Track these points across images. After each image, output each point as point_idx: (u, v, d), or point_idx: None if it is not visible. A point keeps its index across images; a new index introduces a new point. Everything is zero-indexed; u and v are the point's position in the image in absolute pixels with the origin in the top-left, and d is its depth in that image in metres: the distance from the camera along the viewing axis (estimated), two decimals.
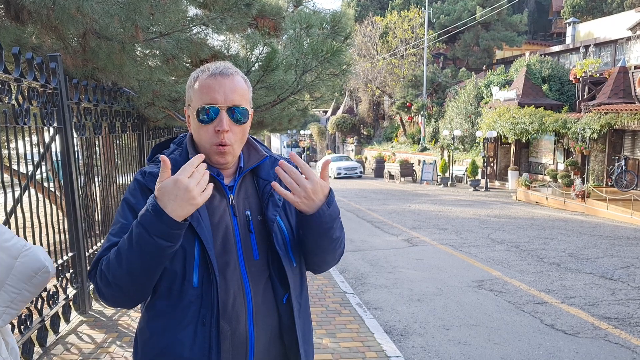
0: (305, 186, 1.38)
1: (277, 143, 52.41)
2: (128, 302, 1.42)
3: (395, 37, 33.81)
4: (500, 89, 22.78)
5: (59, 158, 4.75)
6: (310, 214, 1.42)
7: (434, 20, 34.29)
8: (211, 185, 1.31)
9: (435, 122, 29.64)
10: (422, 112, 30.19)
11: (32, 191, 4.25)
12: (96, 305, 5.32)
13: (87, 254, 5.15)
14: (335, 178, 28.86)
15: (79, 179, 4.95)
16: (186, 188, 1.25)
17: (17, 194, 4.10)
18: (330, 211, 1.44)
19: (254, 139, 1.63)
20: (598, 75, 18.95)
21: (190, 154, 1.48)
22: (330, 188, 1.45)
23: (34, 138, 4.33)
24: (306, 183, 1.38)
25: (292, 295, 1.51)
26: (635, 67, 16.39)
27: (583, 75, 19.09)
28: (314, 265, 1.62)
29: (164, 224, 1.26)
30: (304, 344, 1.53)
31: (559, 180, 17.96)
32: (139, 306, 1.53)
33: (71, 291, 4.78)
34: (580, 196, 15.01)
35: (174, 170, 1.40)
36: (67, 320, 4.69)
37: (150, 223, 1.27)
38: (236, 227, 1.47)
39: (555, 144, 19.99)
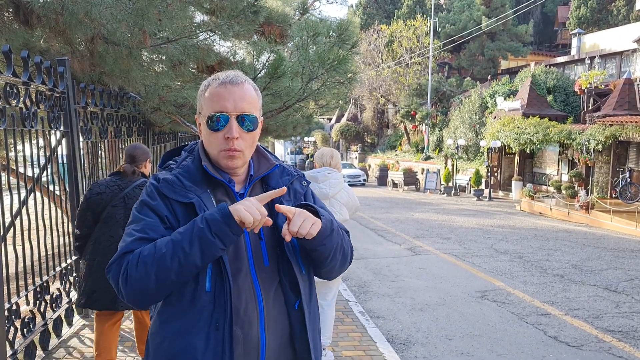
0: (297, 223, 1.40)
1: (280, 149, 52.40)
2: (153, 296, 1.41)
3: (401, 45, 33.89)
4: (505, 99, 22.77)
5: (65, 161, 4.77)
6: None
7: (440, 29, 34.34)
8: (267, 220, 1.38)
9: (439, 131, 29.63)
10: (426, 121, 30.19)
11: (38, 194, 4.27)
12: None
13: None
14: None
15: (84, 183, 4.96)
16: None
17: (22, 196, 4.11)
18: (323, 213, 1.49)
19: (263, 148, 1.65)
20: (603, 86, 18.94)
21: (202, 161, 1.51)
22: (309, 204, 1.52)
23: (41, 141, 4.34)
24: (299, 213, 1.41)
25: (303, 301, 1.52)
26: None
27: (588, 86, 19.08)
28: (326, 274, 1.64)
29: (228, 226, 1.34)
30: (314, 351, 1.54)
31: (563, 191, 17.91)
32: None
33: (74, 295, 4.78)
34: (584, 207, 14.95)
35: (186, 175, 1.49)
36: (70, 324, 4.69)
37: (214, 223, 1.34)
38: (247, 234, 1.49)
39: (559, 154, 19.95)
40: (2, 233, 3.46)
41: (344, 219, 4.24)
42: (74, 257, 4.79)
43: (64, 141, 4.67)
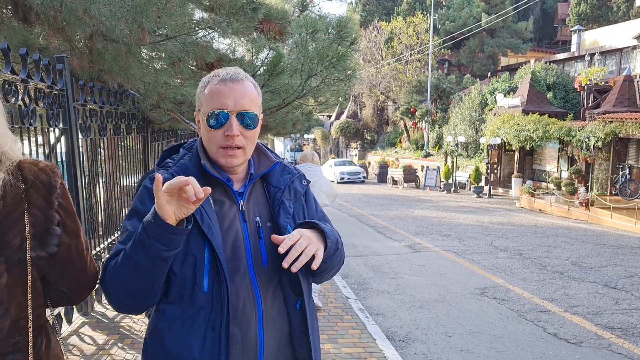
0: (302, 244, 1.38)
1: (280, 147, 52.41)
2: (136, 305, 1.43)
3: (400, 42, 33.80)
4: (504, 95, 22.74)
5: (64, 159, 4.76)
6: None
7: (439, 26, 34.28)
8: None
9: (439, 128, 29.60)
10: (426, 118, 30.14)
11: None
12: (98, 307, 5.32)
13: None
14: (338, 183, 28.81)
15: (83, 181, 4.96)
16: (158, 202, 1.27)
17: None
18: (330, 235, 1.49)
19: (264, 145, 1.64)
20: (603, 83, 18.92)
21: (202, 159, 1.49)
22: (314, 222, 1.49)
23: (40, 139, 4.34)
24: (302, 241, 1.38)
25: (305, 301, 1.51)
26: None
27: (588, 83, 19.06)
28: (320, 278, 1.65)
29: (159, 226, 1.27)
30: (314, 350, 1.53)
31: (563, 188, 17.90)
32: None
33: None
34: (584, 204, 14.95)
35: (183, 174, 1.43)
36: (69, 321, 4.69)
37: (148, 225, 1.29)
38: (246, 233, 1.48)
39: (559, 151, 19.93)
40: None
41: (324, 204, 5.29)
42: None
43: (63, 139, 4.66)
